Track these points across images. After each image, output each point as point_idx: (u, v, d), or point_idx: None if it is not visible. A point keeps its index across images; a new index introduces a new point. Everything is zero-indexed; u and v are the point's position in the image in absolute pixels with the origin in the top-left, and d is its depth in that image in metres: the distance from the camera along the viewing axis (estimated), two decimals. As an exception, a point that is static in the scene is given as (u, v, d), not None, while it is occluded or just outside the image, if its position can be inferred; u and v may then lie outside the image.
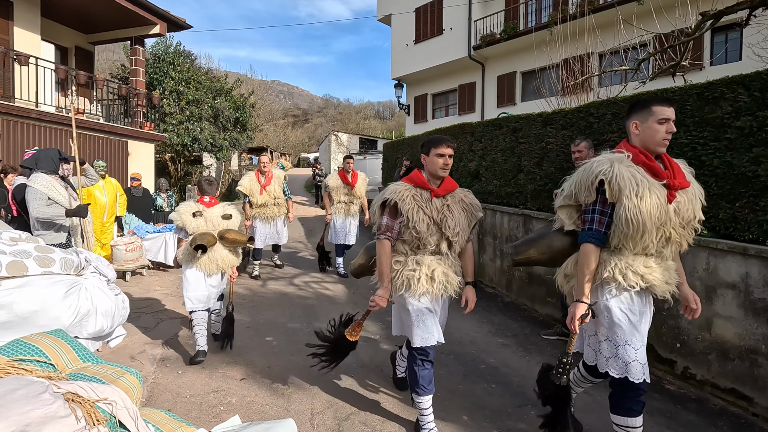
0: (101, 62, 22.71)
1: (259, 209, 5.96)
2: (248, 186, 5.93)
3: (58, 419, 1.13)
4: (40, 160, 3.66)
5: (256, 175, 5.98)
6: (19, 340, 1.60)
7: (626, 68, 5.40)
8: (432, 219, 2.33)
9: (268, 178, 5.95)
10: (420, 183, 2.42)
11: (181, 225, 3.44)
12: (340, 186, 6.16)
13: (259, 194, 5.87)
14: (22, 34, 8.72)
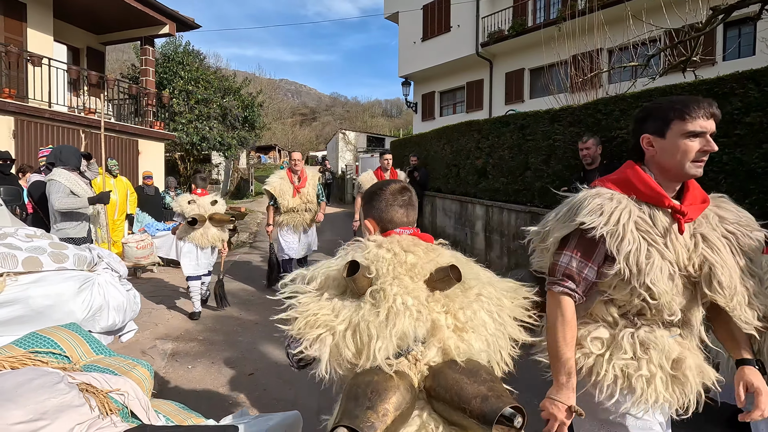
0: (111, 62, 22.98)
1: (287, 215, 4.97)
2: (278, 187, 4.94)
3: (73, 408, 1.17)
4: (63, 156, 3.72)
5: (288, 175, 5.02)
6: (35, 333, 1.65)
7: (635, 64, 5.35)
8: (678, 265, 1.23)
9: (302, 179, 5.02)
10: (647, 191, 1.26)
11: (179, 210, 4.53)
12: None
13: (292, 197, 4.93)
14: (35, 36, 8.87)
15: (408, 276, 1.05)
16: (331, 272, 1.12)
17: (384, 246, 1.11)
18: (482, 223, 6.31)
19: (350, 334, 1.00)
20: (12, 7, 8.47)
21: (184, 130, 13.20)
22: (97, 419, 1.21)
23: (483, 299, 1.09)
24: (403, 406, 0.93)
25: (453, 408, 0.95)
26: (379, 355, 0.96)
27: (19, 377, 1.19)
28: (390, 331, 0.97)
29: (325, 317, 1.03)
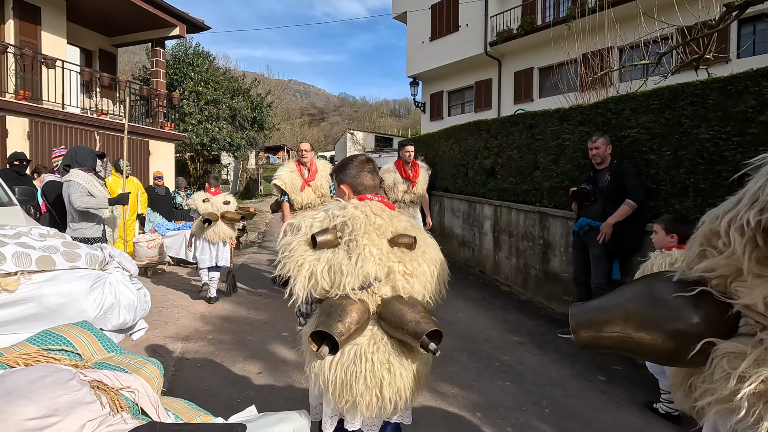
0: (123, 64, 23.30)
1: (303, 213, 4.37)
2: (288, 180, 4.52)
3: (84, 405, 1.19)
4: (79, 156, 3.79)
5: (297, 167, 4.65)
6: (47, 331, 1.68)
7: (647, 62, 5.28)
8: None
9: (312, 172, 4.64)
10: None
11: (194, 207, 5.02)
12: (399, 181, 4.92)
13: (301, 190, 4.53)
14: (49, 38, 9.03)
15: (375, 233, 1.44)
16: (315, 222, 1.49)
17: (359, 208, 1.48)
18: (491, 223, 6.28)
19: (327, 270, 1.40)
20: (27, 10, 8.63)
21: (194, 130, 13.34)
22: (108, 416, 1.23)
23: (426, 256, 1.52)
24: (361, 322, 1.35)
25: (395, 327, 1.37)
26: (348, 287, 1.37)
27: (32, 374, 1.21)
28: (358, 270, 1.37)
29: (309, 260, 1.42)
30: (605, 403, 2.84)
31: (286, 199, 4.54)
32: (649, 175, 3.63)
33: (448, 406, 2.76)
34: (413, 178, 4.92)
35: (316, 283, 1.40)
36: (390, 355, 1.39)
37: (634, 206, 3.49)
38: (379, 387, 1.36)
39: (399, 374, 1.38)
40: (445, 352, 3.61)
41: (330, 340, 1.30)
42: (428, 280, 1.49)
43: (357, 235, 1.42)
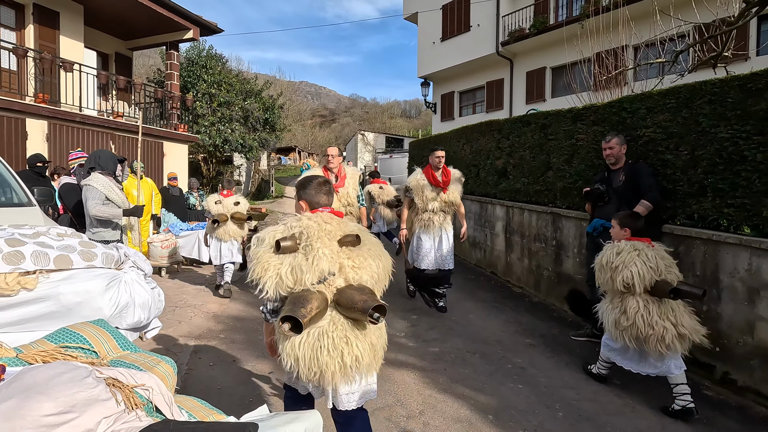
0: (138, 67, 23.72)
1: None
2: None
3: (100, 402, 1.21)
4: (101, 160, 3.82)
5: (324, 172, 4.27)
6: (65, 329, 1.71)
7: (663, 60, 5.18)
8: None
9: (341, 178, 4.32)
10: None
11: (207, 209, 5.43)
12: (427, 188, 4.44)
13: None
14: (67, 42, 9.23)
15: (326, 237, 1.75)
16: (277, 233, 1.78)
17: (312, 219, 1.80)
18: (502, 224, 6.23)
19: (290, 271, 1.68)
20: (46, 15, 8.84)
21: (207, 132, 13.49)
22: (123, 413, 1.24)
23: (371, 251, 1.83)
24: (321, 308, 1.64)
25: (348, 308, 1.66)
26: (308, 282, 1.67)
27: (50, 371, 1.23)
28: (314, 268, 1.68)
29: (274, 265, 1.70)
30: (620, 407, 2.78)
31: None
32: (666, 176, 3.56)
33: (460, 407, 2.74)
34: (444, 185, 4.44)
35: (281, 282, 1.68)
36: (347, 331, 1.70)
37: (650, 207, 3.43)
38: (341, 356, 1.65)
39: (356, 345, 1.68)
40: (456, 353, 3.59)
41: (296, 324, 1.60)
42: (374, 270, 1.80)
43: (312, 240, 1.73)
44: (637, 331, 2.69)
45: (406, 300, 5.12)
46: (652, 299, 2.72)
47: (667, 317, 2.68)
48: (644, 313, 2.68)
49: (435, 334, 4.05)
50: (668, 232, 3.48)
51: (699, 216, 3.31)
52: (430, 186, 4.44)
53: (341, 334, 1.68)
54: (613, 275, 2.78)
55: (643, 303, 2.71)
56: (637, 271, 2.69)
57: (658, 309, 2.69)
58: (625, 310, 2.74)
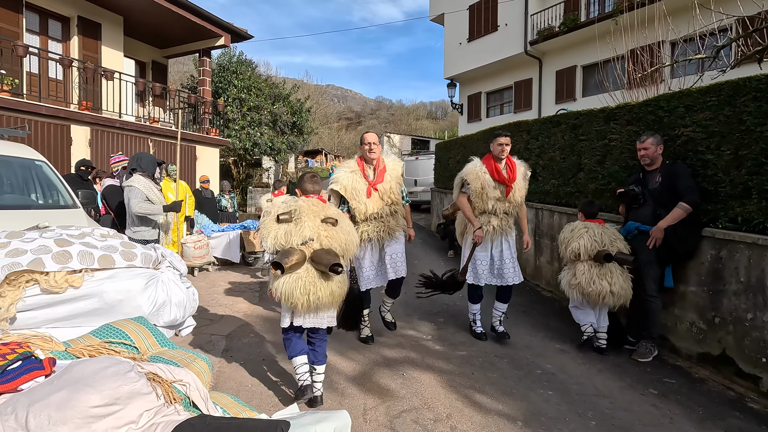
0: (172, 74, 24.61)
1: (367, 226, 3.49)
2: (348, 184, 3.44)
3: (142, 395, 1.27)
4: (142, 162, 4.09)
5: (360, 167, 3.53)
6: (108, 325, 1.80)
7: (703, 56, 4.95)
8: None
9: (379, 173, 3.52)
10: None
11: (259, 206, 6.34)
12: (489, 184, 3.66)
13: (366, 197, 3.45)
14: (108, 52, 9.71)
15: (312, 215, 2.57)
16: (279, 210, 2.59)
17: (304, 201, 2.65)
18: (531, 226, 6.11)
19: (284, 234, 2.51)
20: (89, 27, 9.32)
21: (237, 136, 13.86)
22: (162, 407, 1.30)
23: (342, 229, 2.63)
24: (299, 260, 2.43)
25: (318, 263, 2.46)
26: (294, 243, 2.47)
27: (96, 365, 1.31)
28: (300, 233, 2.49)
29: (274, 228, 2.55)
30: (658, 418, 2.68)
31: (346, 208, 3.46)
32: (706, 176, 3.40)
33: (487, 413, 2.71)
34: (510, 181, 3.65)
35: (277, 241, 2.52)
36: (315, 278, 2.51)
37: (689, 209, 3.29)
38: (308, 294, 2.46)
39: (320, 288, 2.50)
40: (483, 357, 3.55)
41: (281, 268, 2.43)
42: (342, 242, 2.61)
43: (301, 215, 2.57)
44: (582, 288, 3.56)
45: (432, 302, 5.10)
46: (595, 264, 3.56)
47: (605, 278, 3.49)
48: (587, 274, 3.55)
49: (462, 337, 4.01)
50: (709, 236, 3.33)
51: (743, 219, 3.15)
52: (493, 182, 3.66)
53: (311, 279, 2.49)
54: (566, 247, 3.69)
55: (588, 267, 3.57)
56: (583, 243, 3.57)
57: (599, 271, 3.52)
58: (575, 272, 3.63)
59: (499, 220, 3.73)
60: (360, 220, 3.47)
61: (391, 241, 3.57)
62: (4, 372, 1.34)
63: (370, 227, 3.50)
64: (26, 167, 4.22)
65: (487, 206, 3.68)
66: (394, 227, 3.57)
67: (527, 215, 4.26)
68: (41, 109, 7.43)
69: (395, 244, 3.60)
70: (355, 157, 3.63)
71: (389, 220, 3.53)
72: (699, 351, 3.42)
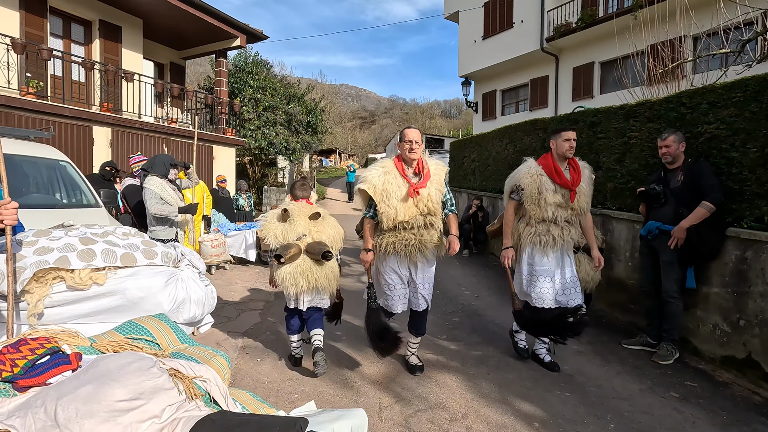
0: (189, 75, 25.03)
1: (394, 235, 2.93)
2: (378, 184, 2.92)
3: (164, 391, 1.29)
4: (155, 165, 4.26)
5: (398, 167, 2.97)
6: (131, 321, 1.84)
7: (727, 51, 4.82)
8: None
9: (424, 176, 2.95)
10: None
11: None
12: (548, 188, 3.11)
13: (403, 202, 2.89)
14: (128, 54, 9.92)
15: (302, 215, 3.01)
16: (276, 212, 3.06)
17: (293, 205, 3.05)
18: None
19: (281, 232, 2.98)
20: (110, 30, 9.54)
21: (252, 135, 14.02)
22: (184, 402, 1.33)
23: (329, 224, 3.13)
24: (296, 252, 2.91)
25: (311, 252, 2.93)
26: (290, 238, 2.95)
27: (120, 360, 1.34)
28: (294, 230, 2.97)
29: (273, 228, 3.01)
30: (679, 422, 2.62)
31: (370, 213, 3.00)
32: (731, 175, 3.31)
33: (504, 413, 2.69)
34: (573, 184, 3.09)
35: (277, 238, 2.99)
36: (310, 264, 2.95)
37: (712, 209, 3.20)
38: (306, 279, 2.91)
39: (314, 273, 2.94)
40: (499, 358, 3.52)
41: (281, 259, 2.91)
42: (330, 235, 3.08)
43: (294, 215, 3.03)
44: None
45: (447, 301, 5.08)
46: None
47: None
48: None
49: (477, 337, 3.99)
50: (734, 236, 3.24)
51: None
52: (552, 185, 3.11)
53: (307, 267, 2.92)
54: None
55: None
56: None
57: None
58: None
59: (560, 230, 3.11)
60: (386, 227, 2.93)
61: (422, 262, 2.98)
62: (34, 366, 1.38)
63: (398, 238, 2.91)
64: (51, 167, 4.35)
65: (546, 213, 3.09)
66: (427, 243, 2.92)
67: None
68: (65, 111, 7.64)
69: (427, 267, 3.03)
70: (392, 157, 3.09)
71: (422, 233, 2.92)
72: (723, 354, 3.33)
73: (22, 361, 1.40)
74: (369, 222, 3.04)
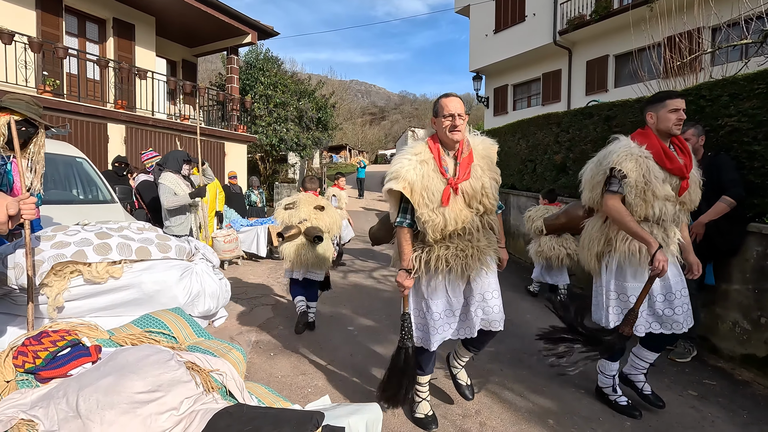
0: (201, 72, 25.20)
1: (443, 247, 2.20)
2: (416, 180, 2.12)
3: (182, 383, 1.31)
4: (168, 161, 4.32)
5: (434, 151, 2.21)
6: (148, 315, 1.86)
7: (748, 41, 4.69)
8: None
9: (463, 163, 2.19)
10: None
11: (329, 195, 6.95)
12: (657, 177, 2.31)
13: (443, 204, 2.13)
14: (142, 52, 10.02)
15: (307, 204, 3.85)
16: (285, 202, 3.92)
17: (301, 195, 3.97)
18: (561, 221, 5.95)
19: (287, 216, 3.82)
20: (124, 28, 9.65)
21: (264, 132, 14.09)
22: (201, 395, 1.34)
23: (329, 213, 3.92)
24: (296, 233, 3.72)
25: (307, 235, 3.73)
26: (293, 221, 3.77)
27: (139, 352, 1.36)
28: (297, 215, 3.79)
29: (283, 215, 3.85)
30: (698, 421, 2.57)
31: (406, 221, 2.20)
32: (753, 169, 3.22)
33: (517, 409, 2.67)
34: (685, 170, 2.35)
35: (285, 221, 3.78)
36: (307, 244, 3.73)
37: (733, 203, 3.12)
38: (305, 255, 3.71)
39: (309, 251, 3.73)
40: (512, 354, 3.50)
41: (282, 237, 3.66)
42: (326, 222, 3.84)
43: (299, 204, 3.83)
44: (545, 254, 4.78)
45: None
46: (554, 236, 4.75)
47: (562, 245, 4.70)
48: (549, 243, 4.77)
49: (490, 333, 3.96)
50: (756, 231, 3.16)
51: (793, 214, 2.97)
52: (662, 172, 2.31)
53: (303, 245, 3.73)
54: (532, 224, 4.89)
55: (549, 238, 4.79)
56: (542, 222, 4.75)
57: (557, 241, 4.75)
58: (540, 243, 4.86)
59: (663, 233, 2.37)
60: (433, 239, 2.17)
61: (480, 272, 2.26)
62: (55, 358, 1.41)
63: (450, 250, 2.18)
64: (68, 164, 4.42)
65: (652, 210, 2.31)
66: (485, 249, 2.24)
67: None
68: (80, 109, 7.75)
69: (487, 276, 2.30)
70: (425, 138, 2.29)
71: (478, 239, 2.23)
72: (743, 352, 3.26)
73: (44, 353, 1.42)
74: (406, 233, 2.20)
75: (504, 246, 2.43)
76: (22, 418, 1.16)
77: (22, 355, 1.42)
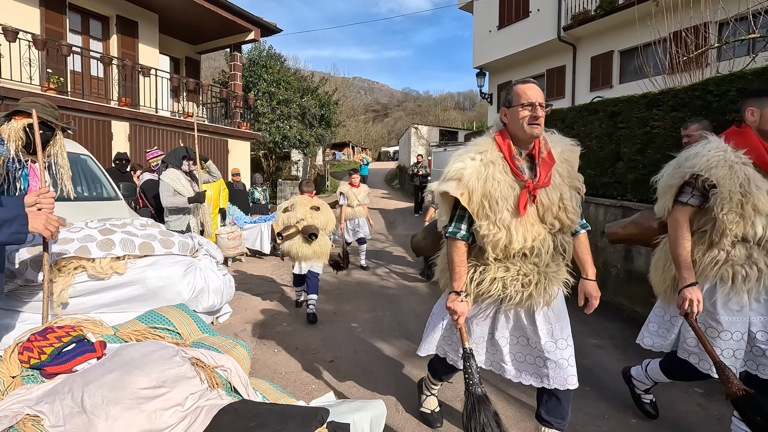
0: (204, 69, 25.22)
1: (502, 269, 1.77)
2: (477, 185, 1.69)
3: (187, 379, 1.30)
4: (169, 157, 4.39)
5: (504, 150, 1.74)
6: (152, 311, 1.86)
7: (756, 36, 4.63)
8: None
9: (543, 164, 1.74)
10: None
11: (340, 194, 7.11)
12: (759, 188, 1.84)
13: (518, 213, 1.68)
14: (145, 50, 10.02)
15: (303, 205, 4.25)
16: (285, 204, 4.36)
17: (297, 198, 4.35)
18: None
19: (286, 217, 4.22)
20: (127, 25, 9.65)
21: (267, 129, 14.09)
22: (206, 391, 1.34)
23: (324, 212, 4.32)
24: (294, 232, 4.14)
25: (304, 233, 4.11)
26: (292, 221, 4.17)
27: (144, 348, 1.36)
28: (296, 216, 4.19)
29: (283, 217, 4.25)
30: (704, 418, 2.56)
31: (461, 233, 1.78)
32: (760, 165, 3.18)
33: (522, 407, 2.66)
34: None
35: (284, 221, 4.17)
36: (303, 242, 4.12)
37: (741, 200, 3.08)
38: (303, 251, 4.11)
39: (306, 248, 4.12)
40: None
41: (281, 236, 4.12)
42: (322, 221, 4.21)
43: (296, 206, 4.23)
44: None
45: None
46: None
47: None
48: None
49: (494, 330, 3.95)
50: (762, 228, 3.12)
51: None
52: (765, 181, 1.89)
53: (300, 242, 4.11)
54: None
55: None
56: None
57: None
58: None
59: (761, 253, 1.93)
60: (493, 258, 1.77)
61: (543, 306, 1.84)
62: (60, 353, 1.41)
63: (510, 273, 1.78)
64: (73, 161, 4.42)
65: (753, 229, 1.89)
66: (555, 276, 1.84)
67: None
68: (84, 106, 7.77)
69: (554, 309, 1.90)
70: (492, 133, 1.86)
71: (547, 263, 1.80)
72: (749, 349, 3.22)
73: (49, 348, 1.43)
74: (460, 247, 1.77)
75: (594, 279, 1.95)
76: (27, 414, 1.17)
77: (28, 351, 1.42)
